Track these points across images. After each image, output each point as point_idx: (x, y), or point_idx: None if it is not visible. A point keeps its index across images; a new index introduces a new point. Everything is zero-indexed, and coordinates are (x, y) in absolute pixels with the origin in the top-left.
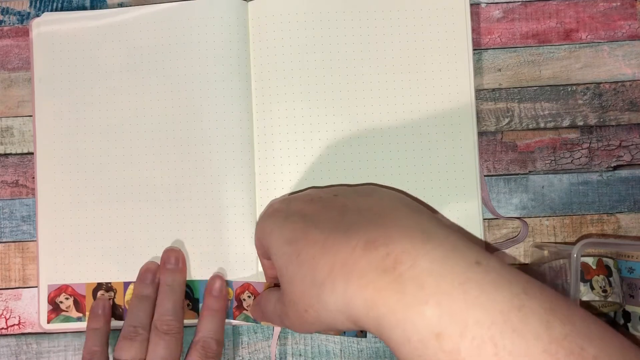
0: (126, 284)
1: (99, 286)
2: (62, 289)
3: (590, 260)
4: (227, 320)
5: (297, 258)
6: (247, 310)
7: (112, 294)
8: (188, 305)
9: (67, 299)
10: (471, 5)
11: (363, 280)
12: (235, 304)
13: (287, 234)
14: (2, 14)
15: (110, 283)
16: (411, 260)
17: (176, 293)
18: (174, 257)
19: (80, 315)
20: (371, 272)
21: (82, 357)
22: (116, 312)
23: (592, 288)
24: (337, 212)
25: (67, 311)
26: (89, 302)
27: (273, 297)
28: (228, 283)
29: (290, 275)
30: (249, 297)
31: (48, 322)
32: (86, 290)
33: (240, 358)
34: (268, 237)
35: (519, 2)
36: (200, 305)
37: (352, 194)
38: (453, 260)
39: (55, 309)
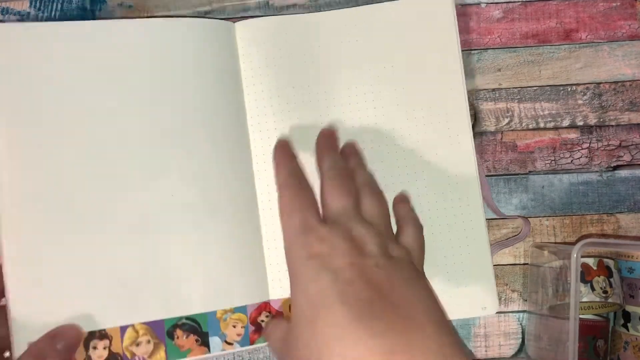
0: (123, 328)
1: (91, 335)
2: None
3: (590, 261)
4: (245, 348)
5: (313, 324)
6: None
7: (108, 342)
8: (197, 340)
9: None
10: (471, 5)
11: None
12: (252, 328)
13: (312, 291)
14: (2, 14)
15: (104, 330)
16: None
17: None
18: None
19: None
20: None
21: None
22: None
23: (593, 289)
24: (367, 294)
25: None
26: (80, 356)
27: (278, 332)
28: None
29: (299, 333)
30: (267, 317)
31: None
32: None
33: (240, 358)
34: (293, 279)
35: (519, 2)
36: (210, 339)
37: (399, 279)
38: None
39: None
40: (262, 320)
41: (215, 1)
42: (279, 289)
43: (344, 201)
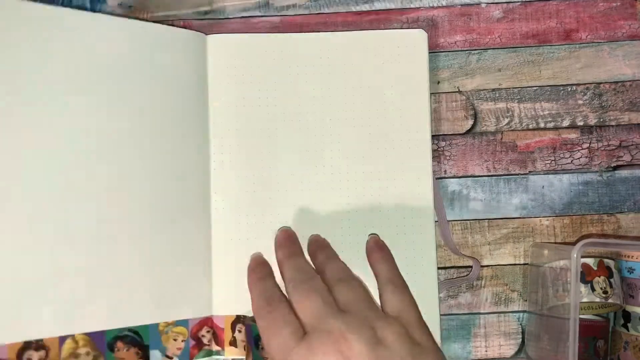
0: (62, 339)
1: (27, 345)
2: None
3: (591, 261)
4: None
5: None
6: (207, 345)
7: (44, 353)
8: (137, 353)
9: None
10: (471, 5)
11: None
12: (192, 343)
13: None
14: None
15: (41, 340)
16: None
17: None
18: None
19: None
20: None
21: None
22: None
23: (593, 289)
24: None
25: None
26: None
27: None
28: (181, 323)
29: None
30: (208, 332)
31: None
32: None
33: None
34: None
35: (519, 2)
36: (151, 352)
37: None
38: None
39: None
40: (203, 335)
41: (215, 1)
42: (223, 305)
43: (313, 304)
